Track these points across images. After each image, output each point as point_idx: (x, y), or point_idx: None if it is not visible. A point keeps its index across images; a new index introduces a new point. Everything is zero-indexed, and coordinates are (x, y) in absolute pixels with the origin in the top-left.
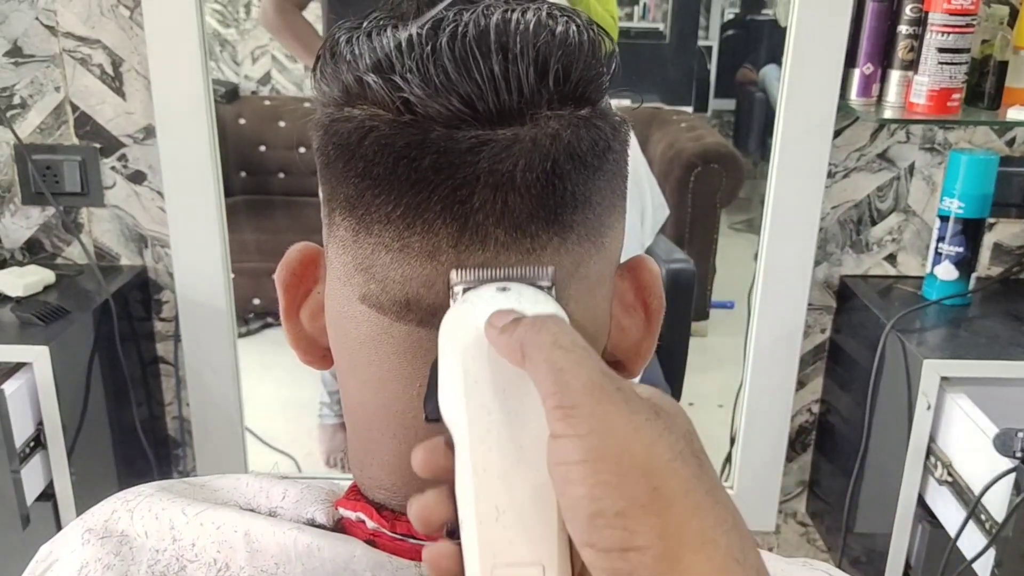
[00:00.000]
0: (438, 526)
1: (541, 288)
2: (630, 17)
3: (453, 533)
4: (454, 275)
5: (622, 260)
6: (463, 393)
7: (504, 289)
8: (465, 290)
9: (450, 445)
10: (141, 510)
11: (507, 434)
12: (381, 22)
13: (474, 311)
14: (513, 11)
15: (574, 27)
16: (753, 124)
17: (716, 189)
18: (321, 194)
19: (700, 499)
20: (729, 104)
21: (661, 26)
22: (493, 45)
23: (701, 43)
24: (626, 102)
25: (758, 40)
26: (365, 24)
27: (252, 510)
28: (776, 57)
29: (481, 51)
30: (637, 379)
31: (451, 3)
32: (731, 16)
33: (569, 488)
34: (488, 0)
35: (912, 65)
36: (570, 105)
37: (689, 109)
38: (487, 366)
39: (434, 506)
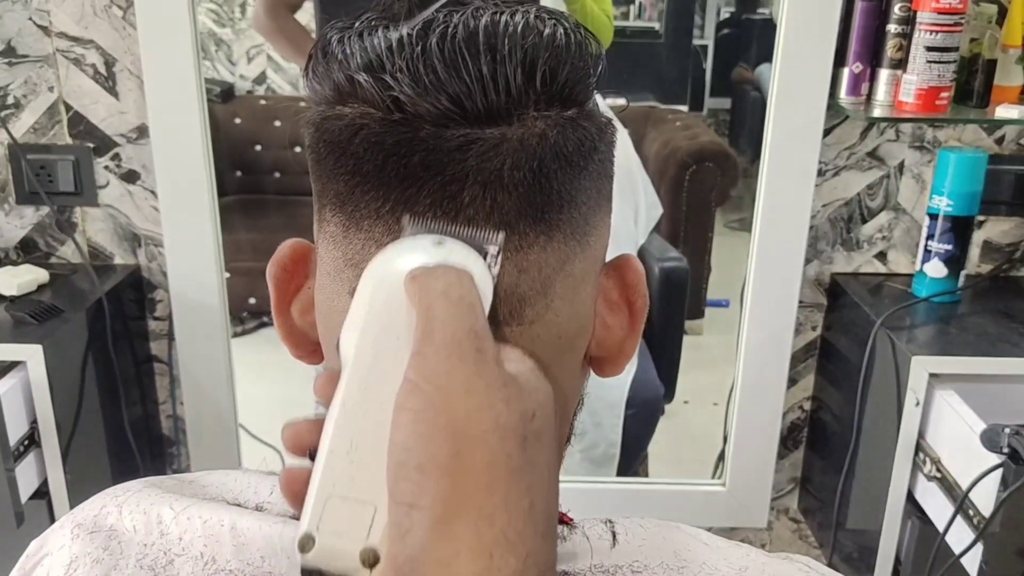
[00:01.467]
0: (304, 450)
1: (487, 251)
2: (626, 16)
3: (315, 458)
4: (407, 219)
5: (611, 258)
6: (360, 328)
7: (440, 243)
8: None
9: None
10: (130, 505)
11: (384, 376)
12: (373, 23)
13: (400, 257)
14: (502, 13)
15: (562, 29)
16: (749, 123)
17: (711, 188)
18: (312, 190)
19: (498, 476)
20: (725, 103)
21: (657, 25)
22: (482, 46)
23: (697, 42)
24: (621, 100)
25: (754, 39)
26: (357, 24)
27: (239, 505)
28: (772, 56)
29: (470, 52)
30: (630, 376)
31: (442, 5)
32: (727, 15)
33: (393, 432)
34: (478, 2)
35: (901, 64)
36: (557, 106)
37: (684, 108)
38: (392, 311)
39: (304, 432)
